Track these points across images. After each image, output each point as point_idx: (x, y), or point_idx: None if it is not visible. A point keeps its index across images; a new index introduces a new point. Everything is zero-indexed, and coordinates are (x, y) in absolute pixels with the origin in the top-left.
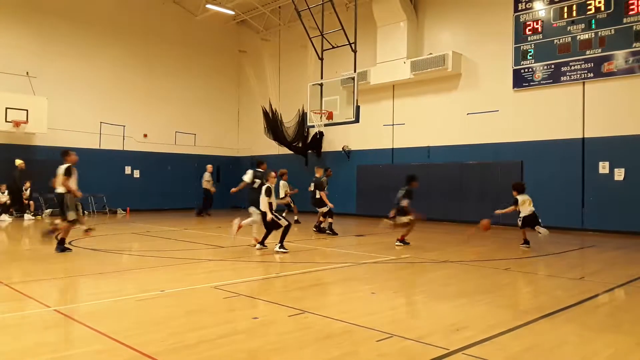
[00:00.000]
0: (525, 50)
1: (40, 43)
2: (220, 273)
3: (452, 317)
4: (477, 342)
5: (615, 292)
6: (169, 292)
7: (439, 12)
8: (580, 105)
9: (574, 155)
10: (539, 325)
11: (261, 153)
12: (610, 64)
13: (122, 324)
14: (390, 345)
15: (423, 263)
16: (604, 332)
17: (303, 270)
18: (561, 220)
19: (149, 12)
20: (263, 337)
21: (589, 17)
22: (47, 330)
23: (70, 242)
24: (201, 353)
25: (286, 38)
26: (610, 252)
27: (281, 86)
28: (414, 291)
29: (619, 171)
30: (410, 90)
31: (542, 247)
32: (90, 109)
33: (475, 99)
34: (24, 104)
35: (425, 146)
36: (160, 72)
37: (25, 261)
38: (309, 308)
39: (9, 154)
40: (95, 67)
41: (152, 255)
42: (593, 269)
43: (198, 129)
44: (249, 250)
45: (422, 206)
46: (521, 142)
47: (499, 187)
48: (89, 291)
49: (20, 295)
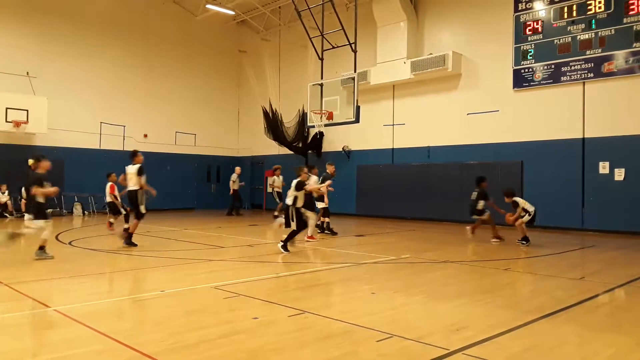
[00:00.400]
0: (526, 50)
1: (41, 43)
2: (220, 273)
3: (452, 317)
4: (477, 342)
5: (616, 292)
6: (169, 292)
7: (439, 12)
8: (580, 106)
9: (574, 155)
10: (539, 325)
11: (261, 153)
12: (611, 64)
13: (122, 324)
14: (390, 346)
15: (423, 263)
16: (604, 332)
17: (303, 270)
18: (561, 220)
19: (149, 12)
20: (263, 337)
21: (589, 17)
22: (47, 331)
23: (70, 242)
24: (201, 353)
25: (286, 38)
26: (610, 252)
27: (281, 86)
28: (414, 291)
29: (619, 171)
30: (410, 90)
31: (542, 247)
32: (90, 109)
33: (476, 99)
34: (24, 104)
35: (426, 146)
36: (161, 72)
37: (25, 261)
38: (309, 308)
39: (9, 154)
40: (95, 67)
41: (152, 255)
42: (593, 269)
43: (198, 129)
44: (248, 250)
45: (422, 206)
46: (521, 142)
47: (499, 187)
48: (89, 291)
49: (20, 296)
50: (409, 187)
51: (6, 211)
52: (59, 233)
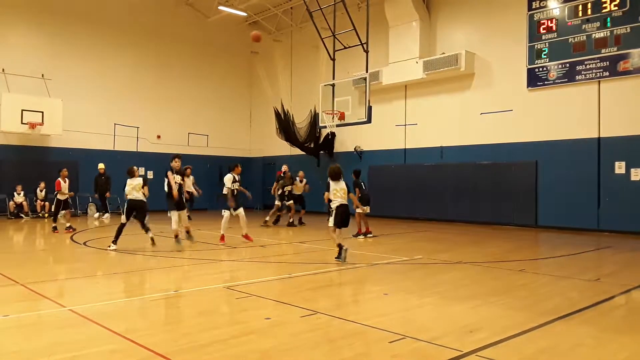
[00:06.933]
0: (540, 49)
1: (55, 45)
2: (232, 273)
3: (466, 318)
4: (491, 343)
5: (632, 293)
6: (182, 293)
7: (451, 12)
8: (595, 105)
9: (590, 155)
10: (553, 327)
11: (273, 154)
12: (626, 63)
13: (135, 324)
14: (403, 347)
15: (436, 264)
16: (619, 335)
17: (315, 271)
18: (576, 220)
19: (162, 14)
20: (275, 337)
21: (604, 16)
22: (61, 330)
23: (84, 243)
24: (214, 353)
25: (298, 39)
26: (626, 254)
27: (293, 87)
28: (427, 292)
29: (635, 171)
30: (422, 90)
31: (556, 248)
32: (104, 110)
33: (489, 99)
34: (40, 106)
35: (438, 146)
36: (173, 74)
37: (40, 261)
38: (321, 309)
39: (24, 155)
40: (109, 69)
41: (166, 255)
42: (609, 270)
43: (211, 130)
44: (260, 250)
45: (434, 207)
46: (535, 142)
47: (513, 187)
48: (103, 291)
49: (35, 295)
50: (421, 188)
51: (22, 212)
52: (74, 233)
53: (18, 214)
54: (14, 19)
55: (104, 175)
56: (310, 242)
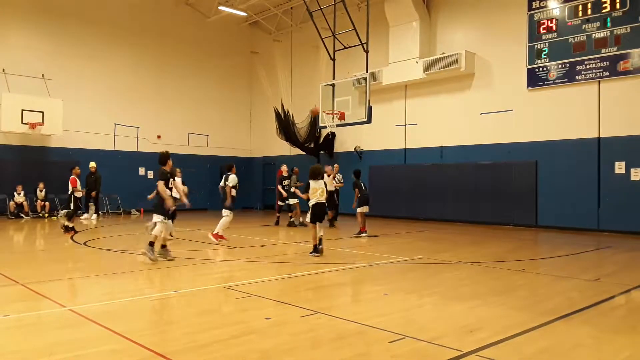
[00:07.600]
0: (540, 49)
1: (56, 45)
2: (232, 273)
3: (466, 318)
4: (491, 343)
5: (632, 294)
6: (183, 292)
7: (451, 12)
8: (595, 105)
9: (590, 155)
10: (554, 327)
11: (273, 154)
12: (626, 63)
13: (136, 324)
14: (403, 347)
15: (436, 264)
16: (620, 335)
17: (315, 270)
18: (576, 220)
19: (162, 14)
20: (275, 337)
21: (604, 15)
22: (61, 330)
23: (85, 243)
24: (214, 353)
25: (298, 39)
26: (626, 254)
27: (293, 87)
28: (427, 292)
29: (635, 171)
30: (422, 90)
31: (557, 248)
32: (104, 110)
33: (489, 99)
34: (40, 106)
35: (438, 146)
36: (174, 74)
37: (41, 261)
38: (321, 309)
39: (25, 155)
40: (109, 69)
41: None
42: (609, 270)
43: (211, 130)
44: (260, 250)
45: (434, 207)
46: (536, 141)
47: (513, 187)
48: (103, 291)
49: (35, 295)
50: (421, 188)
51: (22, 212)
52: (74, 234)
53: (18, 214)
54: (14, 19)
55: (95, 174)
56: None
